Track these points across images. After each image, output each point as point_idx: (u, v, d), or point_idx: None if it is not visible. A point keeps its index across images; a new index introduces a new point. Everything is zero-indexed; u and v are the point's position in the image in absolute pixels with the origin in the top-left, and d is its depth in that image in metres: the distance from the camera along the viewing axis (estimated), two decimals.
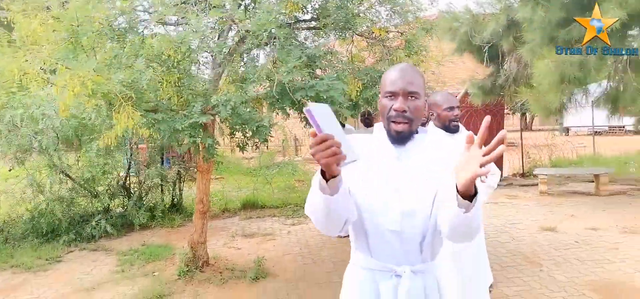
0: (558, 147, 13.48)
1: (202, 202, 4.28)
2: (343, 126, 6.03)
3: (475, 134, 1.25)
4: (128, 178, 7.11)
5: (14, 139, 5.40)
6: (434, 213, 1.46)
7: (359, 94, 4.36)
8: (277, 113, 3.84)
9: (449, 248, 2.63)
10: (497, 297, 3.81)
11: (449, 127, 2.69)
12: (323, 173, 1.25)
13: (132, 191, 7.06)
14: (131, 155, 6.98)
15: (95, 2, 2.83)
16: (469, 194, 1.25)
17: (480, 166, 1.18)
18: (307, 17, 4.65)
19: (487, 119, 1.23)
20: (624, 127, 22.82)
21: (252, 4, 4.06)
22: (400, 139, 1.47)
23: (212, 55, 3.91)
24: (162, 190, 7.39)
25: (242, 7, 4.23)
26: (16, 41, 2.80)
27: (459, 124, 2.72)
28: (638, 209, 6.77)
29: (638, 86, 6.63)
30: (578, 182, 9.59)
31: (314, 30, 4.79)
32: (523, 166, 11.54)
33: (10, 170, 6.49)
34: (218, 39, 4.14)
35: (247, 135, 3.54)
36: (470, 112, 10.12)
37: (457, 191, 1.26)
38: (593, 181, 8.58)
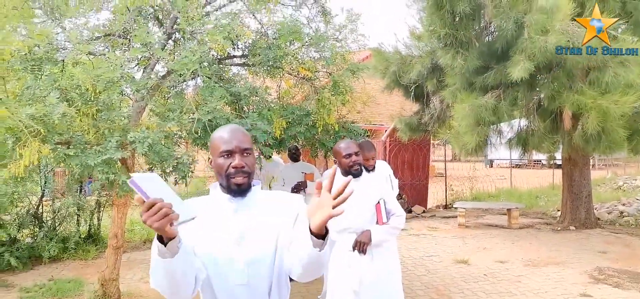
0: (479, 180, 14.40)
1: (116, 237, 4.13)
2: (269, 157, 6.10)
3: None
4: (40, 206, 6.68)
5: None
6: (278, 260, 1.56)
7: (283, 131, 4.47)
8: (200, 149, 3.84)
9: (351, 286, 2.75)
10: None
11: (351, 172, 2.83)
12: (160, 238, 1.29)
13: (45, 221, 6.64)
14: (45, 182, 6.57)
15: (4, 34, 2.71)
16: (322, 234, 1.38)
17: (333, 208, 1.32)
18: (239, 53, 4.72)
19: (333, 169, 1.42)
20: (540, 161, 24.74)
21: (180, 41, 4.07)
22: (240, 191, 1.56)
23: (135, 90, 3.85)
24: (78, 220, 7.00)
25: (170, 44, 4.22)
26: None
27: (361, 168, 2.85)
28: (541, 242, 7.37)
29: (543, 131, 7.32)
30: (494, 214, 10.26)
31: (244, 66, 4.87)
32: (446, 198, 12.18)
33: None
34: (143, 72, 4.09)
35: (167, 171, 3.49)
36: (398, 146, 10.59)
37: (312, 232, 1.37)
38: (506, 215, 9.24)
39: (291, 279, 1.62)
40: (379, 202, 2.83)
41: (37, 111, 2.79)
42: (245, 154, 1.55)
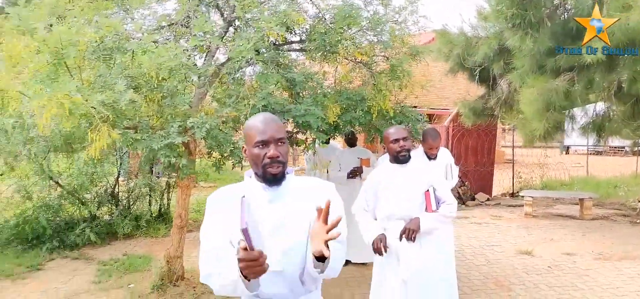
0: (551, 167, 13.61)
1: (181, 217, 4.37)
2: (326, 142, 6.14)
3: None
4: (116, 186, 7.21)
5: (4, 145, 5.50)
6: (309, 249, 1.59)
7: (338, 117, 4.48)
8: None
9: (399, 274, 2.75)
10: None
11: (398, 158, 2.80)
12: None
13: (121, 200, 7.16)
14: (121, 164, 7.07)
15: (78, 27, 2.94)
16: (323, 258, 1.43)
17: (325, 242, 1.38)
18: (296, 38, 4.78)
19: (327, 202, 1.43)
20: (623, 148, 22.93)
21: (239, 28, 4.19)
22: (276, 180, 1.61)
23: (196, 77, 4.03)
24: (149, 199, 7.48)
25: (231, 31, 4.36)
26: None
27: (409, 154, 2.81)
28: (616, 235, 6.87)
29: (622, 116, 6.77)
30: (565, 204, 9.70)
31: (302, 52, 4.93)
32: (513, 185, 11.66)
33: (0, 175, 6.60)
34: (204, 59, 4.27)
35: (225, 155, 3.64)
36: (462, 131, 10.26)
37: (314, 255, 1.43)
38: (578, 205, 8.69)
39: None
40: (428, 189, 2.78)
41: (107, 98, 3.01)
42: (279, 144, 1.59)
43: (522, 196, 9.19)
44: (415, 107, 5.20)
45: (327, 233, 1.36)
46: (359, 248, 4.64)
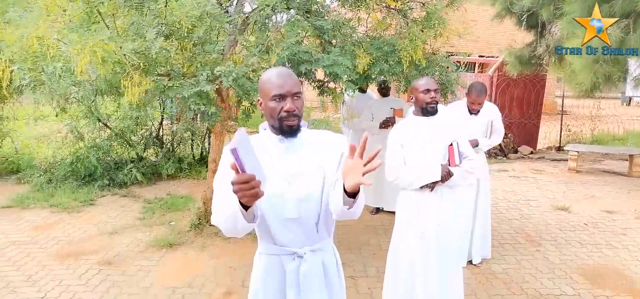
0: (605, 120, 12.92)
1: (214, 162, 4.58)
2: (364, 91, 6.12)
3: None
4: (161, 130, 7.57)
5: (56, 88, 5.88)
6: (325, 197, 1.67)
7: (369, 67, 4.45)
8: None
9: (417, 226, 2.79)
10: (483, 272, 3.94)
11: (427, 109, 2.77)
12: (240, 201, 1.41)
13: (165, 142, 7.53)
14: (163, 109, 7.38)
15: None
16: (354, 193, 1.46)
17: (363, 175, 1.39)
18: None
19: (364, 135, 1.44)
20: None
21: None
22: (291, 132, 1.67)
23: (227, 24, 4.09)
24: (192, 143, 7.82)
25: None
26: (34, 9, 3.09)
27: (437, 106, 2.78)
28: None
29: None
30: (615, 160, 9.27)
31: None
32: (560, 139, 11.21)
33: (56, 115, 7.08)
34: (235, 6, 4.32)
35: (253, 103, 3.75)
36: (507, 81, 9.88)
37: (345, 191, 1.45)
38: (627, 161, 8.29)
39: None
40: (452, 144, 2.77)
41: (139, 46, 3.15)
42: (295, 98, 1.65)
43: (567, 151, 8.86)
44: (451, 54, 5.01)
45: (365, 165, 1.39)
46: (392, 196, 4.71)
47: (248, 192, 1.32)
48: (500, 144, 9.69)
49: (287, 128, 1.65)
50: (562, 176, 7.77)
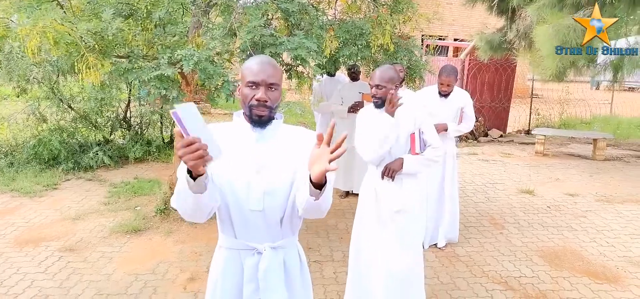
0: (573, 104, 13.22)
1: None
2: (333, 75, 6.10)
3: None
4: (128, 112, 7.39)
5: (14, 69, 5.65)
6: (292, 192, 1.62)
7: (337, 51, 4.42)
8: None
9: (376, 214, 2.81)
10: (446, 255, 4.01)
11: (376, 104, 2.76)
12: (189, 172, 1.35)
13: (132, 125, 7.36)
14: (130, 90, 7.20)
15: None
16: (320, 184, 1.41)
17: (329, 162, 1.34)
18: None
19: (332, 123, 1.41)
20: None
21: None
22: (261, 122, 1.61)
23: (192, 5, 3.99)
24: (161, 126, 7.67)
25: None
26: None
27: (381, 101, 2.73)
28: (626, 177, 6.78)
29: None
30: (581, 144, 9.52)
31: None
32: (529, 123, 11.44)
33: (18, 96, 6.83)
34: None
35: (216, 88, 3.67)
36: (478, 65, 9.97)
37: (311, 181, 1.41)
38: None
39: None
40: (413, 132, 2.77)
41: (94, 27, 3.04)
42: (270, 88, 1.59)
43: (535, 135, 9.05)
44: (435, 38, 5.02)
45: (332, 152, 1.34)
46: (361, 179, 4.71)
47: (193, 155, 1.25)
48: None
49: (256, 117, 1.60)
50: (529, 160, 7.94)
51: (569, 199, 5.67)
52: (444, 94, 4.08)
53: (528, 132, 10.97)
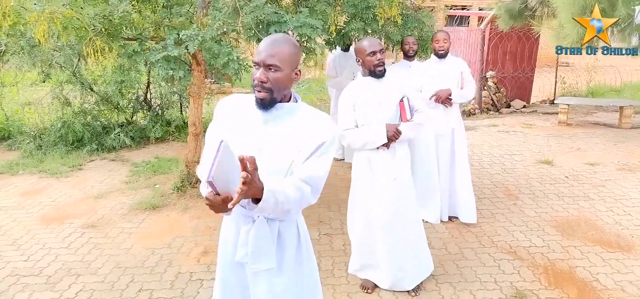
0: (602, 71, 12.76)
1: (194, 125, 4.62)
2: (347, 50, 6.06)
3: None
4: (148, 93, 7.57)
5: (37, 54, 5.86)
6: (288, 176, 1.64)
7: (345, 25, 4.41)
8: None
9: (370, 184, 2.85)
10: (456, 226, 4.02)
11: (375, 73, 2.77)
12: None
13: (153, 106, 7.55)
14: (149, 72, 7.35)
15: None
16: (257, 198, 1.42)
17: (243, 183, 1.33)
18: None
19: (242, 157, 1.35)
20: None
21: None
22: (263, 105, 1.61)
23: None
24: (181, 106, 7.84)
25: None
26: None
27: (384, 67, 2.77)
28: None
29: None
30: (609, 112, 9.23)
31: None
32: (555, 92, 11.12)
33: (43, 81, 7.08)
34: None
35: (221, 67, 3.73)
36: (499, 35, 9.71)
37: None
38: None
39: None
40: (402, 99, 2.78)
41: (101, 11, 3.13)
42: (269, 69, 1.56)
43: (558, 104, 8.81)
44: (463, 8, 4.88)
45: (242, 183, 1.33)
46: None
47: (219, 210, 1.39)
48: (491, 98, 9.66)
49: (257, 99, 1.60)
50: (551, 130, 7.76)
51: (588, 169, 5.55)
52: (442, 55, 4.02)
53: (552, 102, 10.68)
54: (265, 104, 1.61)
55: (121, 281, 3.24)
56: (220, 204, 1.37)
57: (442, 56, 4.04)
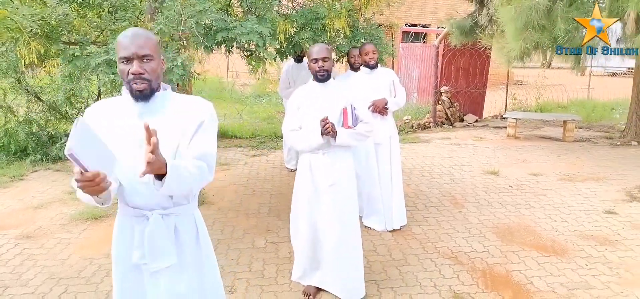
0: (550, 89, 13.37)
1: None
2: (300, 61, 6.07)
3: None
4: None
5: None
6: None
7: (294, 34, 4.44)
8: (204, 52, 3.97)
9: (310, 188, 2.87)
10: (402, 234, 4.09)
11: (317, 77, 2.83)
12: None
13: None
14: (100, 80, 7.15)
15: None
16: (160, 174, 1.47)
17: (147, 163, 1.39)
18: None
19: (145, 124, 1.39)
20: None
21: None
22: (143, 97, 1.63)
23: None
24: None
25: None
26: None
27: (328, 74, 2.82)
28: (591, 157, 6.91)
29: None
30: (554, 126, 9.66)
31: None
32: (506, 107, 11.57)
33: None
34: None
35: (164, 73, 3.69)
36: (453, 51, 10.03)
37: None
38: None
39: None
40: (346, 107, 2.83)
41: (39, 12, 3.04)
42: (144, 60, 1.59)
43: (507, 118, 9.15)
44: (424, 25, 5.00)
45: (150, 152, 1.38)
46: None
47: (93, 189, 1.36)
48: (446, 113, 9.93)
49: (136, 92, 1.60)
50: (500, 143, 8.05)
51: (531, 179, 5.78)
52: (372, 66, 4.11)
53: (503, 117, 11.09)
54: (146, 95, 1.63)
55: (53, 292, 3.10)
56: (91, 182, 1.34)
57: (372, 67, 4.13)
